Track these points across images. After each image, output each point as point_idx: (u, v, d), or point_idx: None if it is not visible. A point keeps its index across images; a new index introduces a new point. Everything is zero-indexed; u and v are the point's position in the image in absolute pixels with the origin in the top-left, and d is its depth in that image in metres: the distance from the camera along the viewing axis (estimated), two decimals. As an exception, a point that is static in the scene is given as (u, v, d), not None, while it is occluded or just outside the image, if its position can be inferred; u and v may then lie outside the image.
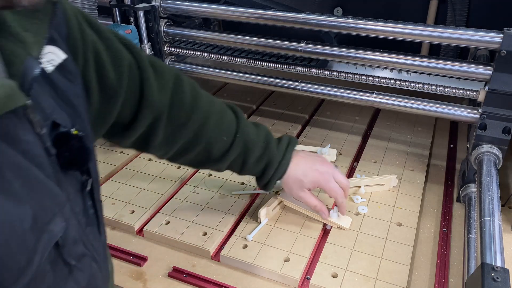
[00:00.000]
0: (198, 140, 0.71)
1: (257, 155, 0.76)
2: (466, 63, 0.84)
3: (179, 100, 0.67)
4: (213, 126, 0.71)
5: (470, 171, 0.85)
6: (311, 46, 0.96)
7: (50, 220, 0.38)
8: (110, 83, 0.57)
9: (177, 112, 0.67)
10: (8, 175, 0.34)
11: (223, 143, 0.72)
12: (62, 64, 0.45)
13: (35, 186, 0.37)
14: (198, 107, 0.70)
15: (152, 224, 0.82)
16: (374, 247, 0.76)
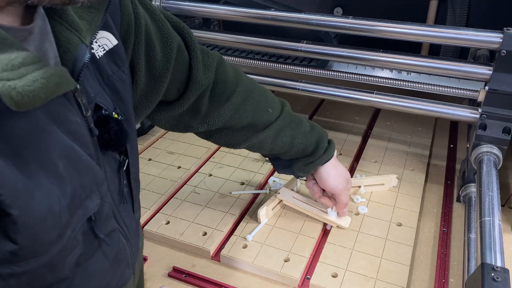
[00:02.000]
0: (244, 113, 0.71)
1: (306, 129, 0.77)
2: (466, 63, 0.84)
3: (223, 77, 0.69)
4: (257, 99, 0.73)
5: (470, 171, 0.85)
6: (311, 46, 0.96)
7: (86, 197, 0.41)
8: (158, 65, 0.59)
9: (221, 88, 0.69)
10: (53, 156, 0.37)
11: (269, 115, 0.74)
12: (112, 50, 0.48)
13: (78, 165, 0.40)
14: (242, 83, 0.72)
15: (152, 224, 0.82)
16: (374, 247, 0.76)
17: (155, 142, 1.10)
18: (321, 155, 0.77)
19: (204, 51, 0.67)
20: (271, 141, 0.75)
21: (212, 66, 0.68)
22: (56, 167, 0.37)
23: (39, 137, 0.36)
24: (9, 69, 0.32)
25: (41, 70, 0.34)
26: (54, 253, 0.38)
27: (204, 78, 0.66)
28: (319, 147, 0.77)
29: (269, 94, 0.76)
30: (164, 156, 1.03)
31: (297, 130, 0.76)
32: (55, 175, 0.37)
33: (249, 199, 0.89)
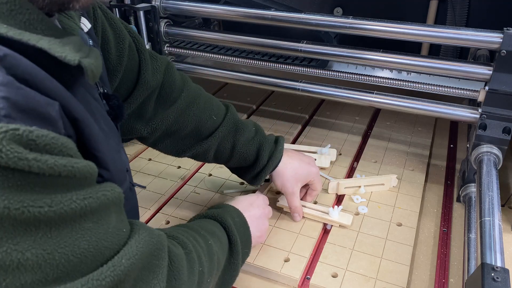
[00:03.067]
0: (188, 118, 0.73)
1: (249, 136, 0.77)
2: (466, 63, 0.84)
3: (170, 81, 0.72)
4: (202, 106, 0.74)
5: (470, 171, 0.85)
6: (311, 46, 0.96)
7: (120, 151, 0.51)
8: (112, 59, 0.63)
9: (168, 92, 0.72)
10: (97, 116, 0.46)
11: (212, 122, 0.75)
12: (88, 33, 0.53)
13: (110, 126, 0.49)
14: (188, 88, 0.75)
15: (152, 224, 0.82)
16: (374, 247, 0.76)
17: (155, 142, 1.10)
18: (264, 165, 0.77)
19: (153, 55, 0.71)
20: (214, 148, 0.76)
21: (160, 69, 0.71)
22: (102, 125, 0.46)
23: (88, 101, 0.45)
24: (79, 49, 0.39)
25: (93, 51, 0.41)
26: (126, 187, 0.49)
27: (153, 79, 0.69)
28: (260, 156, 0.76)
29: (214, 100, 0.77)
30: (164, 156, 1.03)
31: (239, 137, 0.76)
32: (103, 131, 0.45)
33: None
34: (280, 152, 0.78)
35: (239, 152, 0.76)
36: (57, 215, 0.35)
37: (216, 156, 0.78)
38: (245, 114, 1.23)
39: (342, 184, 0.88)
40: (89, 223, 0.38)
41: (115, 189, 0.42)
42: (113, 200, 0.41)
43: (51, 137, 0.34)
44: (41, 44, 0.35)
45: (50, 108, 0.35)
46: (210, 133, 0.75)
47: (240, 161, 0.78)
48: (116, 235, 0.40)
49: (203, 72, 1.12)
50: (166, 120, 0.72)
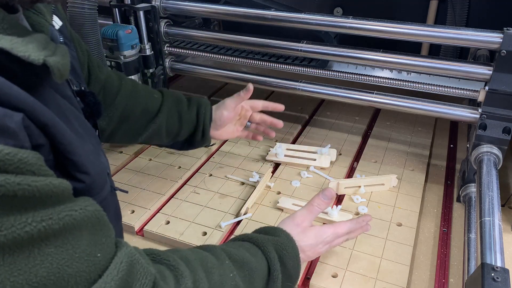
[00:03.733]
0: (134, 101, 0.79)
1: (187, 103, 0.85)
2: (466, 63, 0.84)
3: (109, 74, 0.78)
4: (142, 89, 0.82)
5: (470, 171, 0.85)
6: (311, 46, 0.96)
7: (98, 154, 0.48)
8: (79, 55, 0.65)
9: (110, 82, 0.77)
10: (70, 118, 0.43)
11: (156, 100, 0.82)
12: (60, 30, 0.52)
13: (85, 127, 0.47)
14: (124, 78, 0.81)
15: (152, 224, 0.82)
16: (374, 247, 0.76)
17: (155, 142, 1.10)
18: (203, 120, 0.86)
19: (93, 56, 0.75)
20: (165, 124, 0.82)
21: (101, 64, 0.75)
22: (76, 128, 0.44)
23: (58, 102, 0.42)
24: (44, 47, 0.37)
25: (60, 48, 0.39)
26: (104, 196, 0.46)
27: (101, 74, 0.73)
28: (200, 114, 0.85)
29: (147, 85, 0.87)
30: (164, 156, 1.03)
31: (181, 106, 0.84)
32: (78, 133, 0.43)
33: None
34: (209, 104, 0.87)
35: (185, 119, 0.84)
36: (9, 239, 0.31)
37: (168, 131, 0.84)
38: (245, 114, 1.23)
39: (342, 184, 0.88)
40: (50, 248, 0.34)
41: (88, 208, 0.38)
42: (83, 220, 0.37)
43: (5, 153, 0.31)
44: (2, 44, 0.34)
45: (8, 119, 0.32)
46: (158, 110, 0.81)
47: (189, 127, 0.86)
48: (85, 261, 0.36)
49: (203, 72, 1.12)
50: (119, 107, 0.77)
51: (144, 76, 1.08)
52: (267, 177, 0.92)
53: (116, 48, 0.97)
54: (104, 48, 0.95)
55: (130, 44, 0.98)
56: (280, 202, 0.85)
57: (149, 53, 1.05)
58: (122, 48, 0.97)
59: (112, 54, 0.98)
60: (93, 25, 0.86)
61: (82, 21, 0.84)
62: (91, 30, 0.86)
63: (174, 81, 1.44)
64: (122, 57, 0.99)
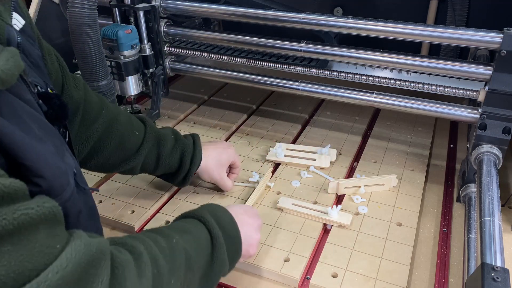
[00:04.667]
0: (111, 135, 0.74)
1: (170, 145, 0.80)
2: (466, 63, 0.84)
3: (90, 98, 0.72)
4: (123, 122, 0.75)
5: (470, 171, 0.85)
6: (311, 46, 0.96)
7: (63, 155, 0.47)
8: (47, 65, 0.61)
9: (89, 109, 0.71)
10: (28, 121, 0.42)
11: (136, 137, 0.76)
12: (23, 29, 0.50)
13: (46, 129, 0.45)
14: (106, 106, 0.74)
15: (152, 224, 0.82)
16: (374, 247, 0.76)
17: (155, 142, 1.10)
18: (188, 169, 0.82)
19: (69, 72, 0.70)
20: (140, 164, 0.78)
21: (80, 85, 0.70)
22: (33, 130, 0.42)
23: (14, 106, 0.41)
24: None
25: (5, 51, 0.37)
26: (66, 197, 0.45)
27: (76, 93, 0.68)
28: (184, 161, 0.81)
29: (132, 117, 0.79)
30: (164, 156, 1.03)
31: (162, 148, 0.79)
32: (36, 137, 0.42)
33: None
34: (199, 152, 0.83)
35: (164, 163, 0.80)
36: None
37: (142, 169, 0.80)
38: (245, 114, 1.23)
39: (342, 184, 0.88)
40: (7, 246, 0.34)
41: (45, 204, 0.38)
42: (40, 217, 0.37)
43: None
44: None
45: None
46: (136, 150, 0.76)
47: (166, 169, 0.82)
48: (44, 254, 0.37)
49: (203, 72, 1.12)
50: (90, 139, 0.71)
51: (144, 76, 1.08)
52: (267, 177, 0.92)
53: (116, 48, 0.97)
54: (104, 48, 0.95)
55: (130, 44, 0.99)
56: (280, 202, 0.85)
57: (149, 53, 1.05)
58: (122, 48, 0.97)
59: (112, 54, 0.99)
60: (93, 25, 0.86)
61: (82, 21, 0.84)
62: (91, 30, 0.86)
63: (174, 81, 1.44)
64: (122, 57, 0.99)
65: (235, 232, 0.64)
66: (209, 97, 1.34)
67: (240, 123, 1.19)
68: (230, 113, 1.23)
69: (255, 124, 1.18)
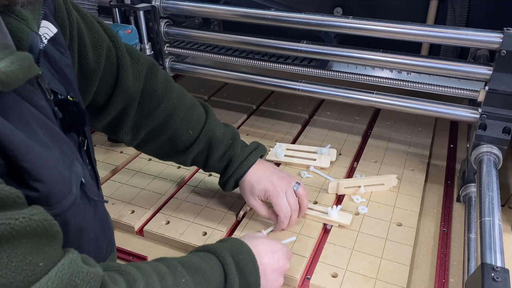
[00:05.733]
0: (164, 130, 0.74)
1: (221, 153, 0.77)
2: (466, 63, 0.84)
3: (151, 89, 0.71)
4: (181, 118, 0.74)
5: (470, 171, 0.85)
6: (311, 46, 0.96)
7: (72, 163, 0.46)
8: (89, 64, 0.61)
9: (147, 100, 0.71)
10: (34, 126, 0.41)
11: (188, 137, 0.75)
12: (54, 38, 0.50)
13: (55, 135, 0.45)
14: (168, 98, 0.73)
15: (152, 224, 0.82)
16: (374, 247, 0.76)
17: (155, 142, 1.10)
18: (227, 179, 0.79)
19: (135, 58, 0.69)
20: (190, 161, 0.79)
21: (141, 74, 0.70)
22: (39, 136, 0.42)
23: (21, 109, 0.40)
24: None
25: (14, 54, 0.37)
26: (66, 206, 0.43)
27: (132, 85, 0.68)
28: (226, 171, 0.78)
29: (195, 111, 0.76)
30: (164, 156, 1.03)
31: (212, 154, 0.77)
32: (40, 142, 0.41)
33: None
34: (243, 167, 0.77)
35: (211, 166, 0.79)
36: None
37: (193, 164, 0.81)
38: (245, 114, 1.23)
39: (342, 184, 0.88)
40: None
41: (34, 216, 0.36)
42: (24, 229, 0.35)
43: None
44: None
45: None
46: (185, 148, 0.76)
47: (212, 171, 0.81)
48: (22, 270, 0.34)
49: (203, 72, 1.12)
50: (144, 129, 0.73)
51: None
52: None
53: (116, 48, 0.97)
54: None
55: (130, 44, 0.98)
56: None
57: (149, 53, 1.05)
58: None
59: (112, 54, 0.98)
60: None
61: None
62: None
63: (174, 81, 1.44)
64: (122, 57, 0.99)
65: (255, 279, 0.59)
66: (209, 97, 1.34)
67: (240, 123, 1.19)
68: (230, 113, 1.23)
69: (255, 124, 1.18)
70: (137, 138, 0.74)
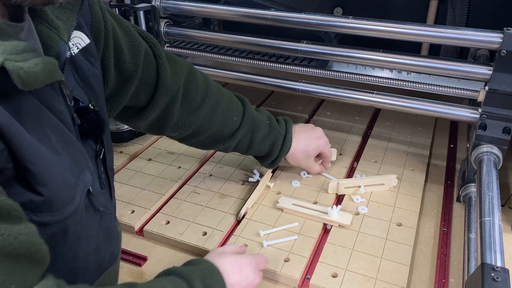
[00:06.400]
0: (211, 123, 0.79)
1: (264, 132, 0.84)
2: (466, 63, 0.84)
3: (193, 87, 0.76)
4: (224, 108, 0.80)
5: (470, 171, 0.85)
6: (311, 46, 0.96)
7: (81, 171, 0.47)
8: (127, 67, 0.65)
9: (192, 98, 0.76)
10: (48, 131, 0.42)
11: (234, 123, 0.81)
12: (85, 48, 0.53)
13: (68, 142, 0.45)
14: (210, 92, 0.79)
15: (152, 224, 0.82)
16: (374, 247, 0.76)
17: (155, 142, 1.10)
18: (277, 155, 0.87)
19: (172, 59, 0.74)
20: (234, 145, 0.84)
21: (180, 73, 0.74)
22: (51, 141, 0.42)
23: (37, 113, 0.41)
24: (15, 53, 0.37)
25: (40, 57, 0.39)
26: (67, 214, 0.44)
27: (173, 83, 0.72)
28: (274, 149, 0.86)
29: (233, 100, 0.83)
30: (164, 156, 1.03)
31: (256, 134, 0.83)
32: (51, 147, 0.42)
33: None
34: (289, 140, 0.87)
35: (255, 147, 0.85)
36: None
37: (235, 149, 0.86)
38: (245, 114, 1.23)
39: (342, 184, 0.88)
40: None
41: (20, 237, 0.36)
42: (4, 246, 0.34)
43: None
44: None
45: None
46: (231, 134, 0.82)
47: (256, 153, 0.88)
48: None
49: (203, 72, 1.12)
50: (192, 125, 0.77)
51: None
52: (267, 177, 0.92)
53: (116, 48, 0.97)
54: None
55: (130, 44, 0.99)
56: (280, 202, 0.85)
57: (149, 53, 1.05)
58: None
59: (112, 54, 0.98)
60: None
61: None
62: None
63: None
64: (122, 57, 0.99)
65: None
66: (209, 97, 1.34)
67: (240, 123, 1.19)
68: (230, 113, 1.23)
69: (255, 124, 1.18)
70: (184, 134, 0.79)
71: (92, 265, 0.51)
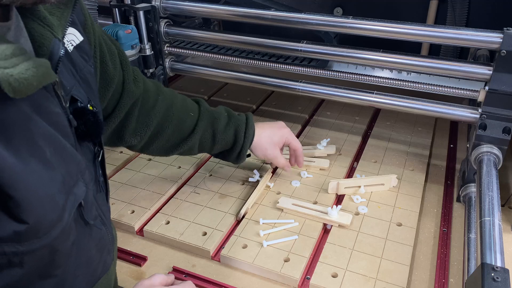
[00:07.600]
0: (168, 121, 0.78)
1: (224, 122, 0.83)
2: (466, 63, 0.84)
3: (146, 89, 0.76)
4: (179, 105, 0.80)
5: (470, 171, 0.85)
6: (311, 46, 0.96)
7: (74, 184, 0.44)
8: (109, 71, 0.64)
9: (146, 99, 0.76)
10: (41, 143, 0.39)
11: (191, 118, 0.80)
12: (79, 45, 0.52)
13: (63, 154, 0.42)
14: (162, 92, 0.79)
15: (152, 224, 0.82)
16: (374, 247, 0.76)
17: (155, 142, 1.10)
18: (242, 143, 0.85)
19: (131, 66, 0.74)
20: (198, 143, 0.82)
21: (140, 78, 0.74)
22: (44, 154, 0.39)
23: (27, 125, 0.38)
24: (3, 58, 0.33)
25: (30, 60, 0.36)
26: (55, 235, 0.41)
27: (136, 88, 0.72)
28: (238, 136, 0.84)
29: (187, 99, 0.83)
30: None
31: (216, 125, 0.82)
32: (44, 162, 0.39)
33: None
34: (252, 127, 0.86)
35: (219, 139, 0.83)
36: None
37: (200, 148, 0.84)
38: (245, 114, 1.23)
39: (342, 184, 0.88)
40: None
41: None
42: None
43: None
44: None
45: None
46: (192, 130, 0.80)
47: (222, 146, 0.85)
48: None
49: (203, 72, 1.12)
50: (150, 125, 0.76)
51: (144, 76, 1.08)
52: (267, 177, 0.92)
53: (116, 48, 0.97)
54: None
55: (130, 44, 0.99)
56: (280, 202, 0.85)
57: (149, 53, 1.05)
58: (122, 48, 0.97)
59: (112, 54, 0.98)
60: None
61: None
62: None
63: (174, 81, 1.44)
64: (122, 57, 0.99)
65: None
66: (209, 97, 1.34)
67: (240, 123, 1.19)
68: (230, 113, 1.23)
69: (255, 124, 1.18)
70: (144, 138, 0.77)
71: (81, 279, 0.48)
